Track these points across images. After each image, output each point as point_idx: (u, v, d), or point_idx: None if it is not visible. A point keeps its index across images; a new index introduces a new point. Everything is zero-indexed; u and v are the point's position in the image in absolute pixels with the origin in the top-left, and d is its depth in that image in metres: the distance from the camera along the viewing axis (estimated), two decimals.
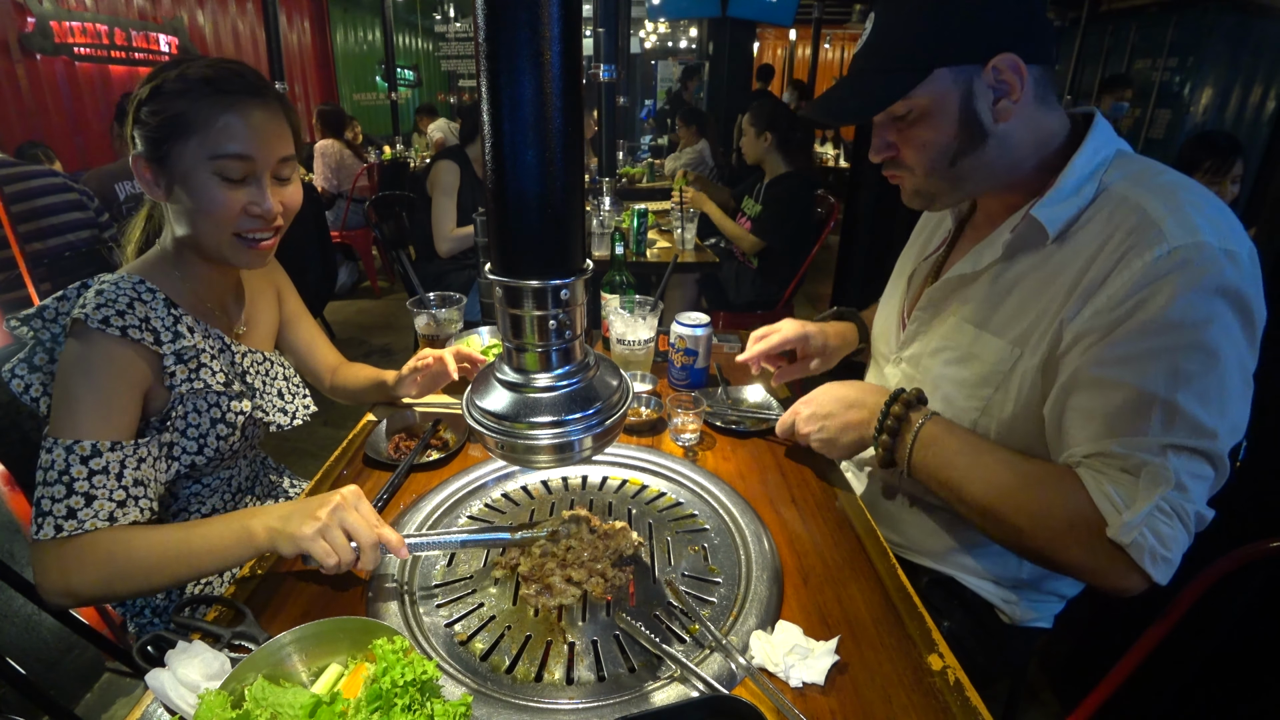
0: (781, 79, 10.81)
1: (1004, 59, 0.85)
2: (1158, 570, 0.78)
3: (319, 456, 1.18)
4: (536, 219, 0.52)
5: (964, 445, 0.91)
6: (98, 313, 0.91)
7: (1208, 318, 0.76)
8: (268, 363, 1.19)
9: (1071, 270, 0.86)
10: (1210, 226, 0.78)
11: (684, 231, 2.97)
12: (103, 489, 0.87)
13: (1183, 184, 0.85)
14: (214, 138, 0.92)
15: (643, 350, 1.42)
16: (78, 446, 0.86)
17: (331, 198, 4.97)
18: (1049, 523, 0.83)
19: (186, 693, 0.64)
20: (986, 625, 1.07)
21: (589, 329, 0.64)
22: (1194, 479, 0.78)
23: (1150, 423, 0.78)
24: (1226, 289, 0.76)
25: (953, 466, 0.90)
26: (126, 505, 0.89)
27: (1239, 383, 0.78)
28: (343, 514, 0.81)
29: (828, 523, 0.99)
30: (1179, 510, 0.78)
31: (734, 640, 0.76)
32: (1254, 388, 0.81)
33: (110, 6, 5.89)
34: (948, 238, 1.13)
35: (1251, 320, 0.78)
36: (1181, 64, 6.27)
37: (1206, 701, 1.42)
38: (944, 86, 0.87)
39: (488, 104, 0.49)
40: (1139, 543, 0.77)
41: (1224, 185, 2.34)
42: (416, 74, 10.41)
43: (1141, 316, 0.78)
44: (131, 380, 0.93)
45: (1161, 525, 0.77)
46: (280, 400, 1.19)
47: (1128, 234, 0.81)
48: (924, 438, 0.93)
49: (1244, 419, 0.80)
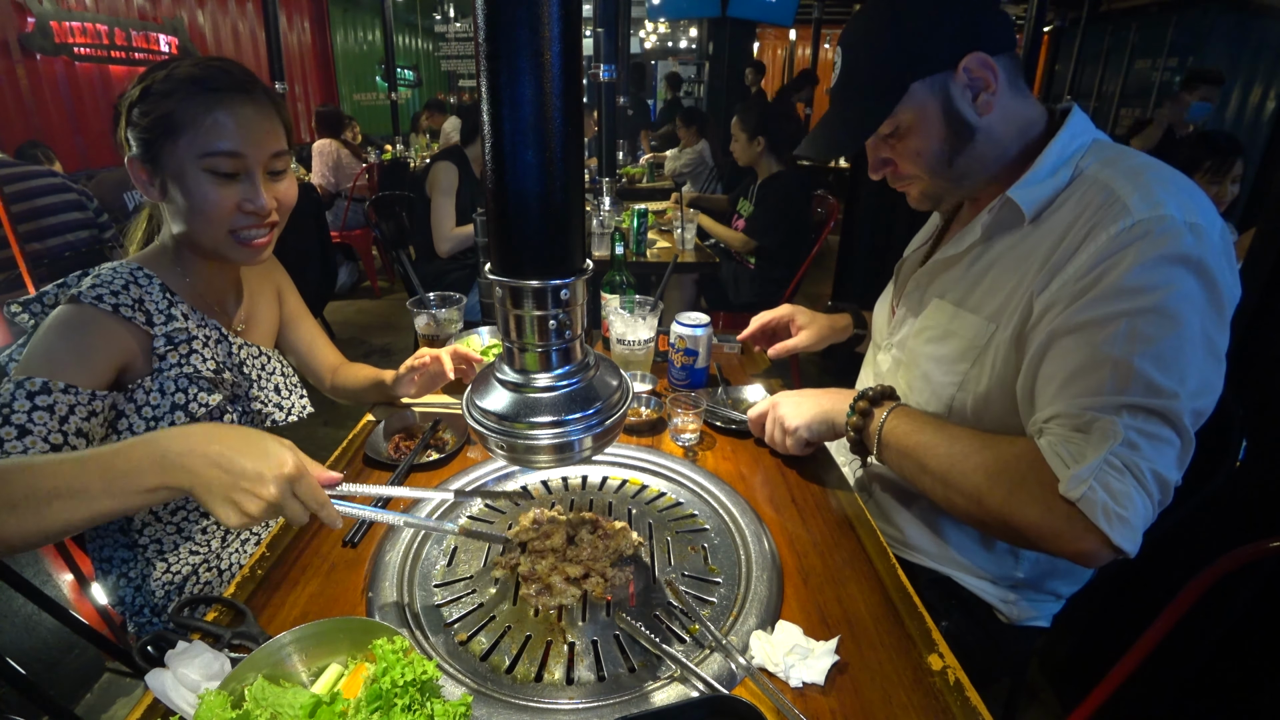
0: (781, 79, 10.81)
1: (972, 59, 0.89)
2: (1115, 530, 0.76)
3: (319, 457, 1.18)
4: (536, 219, 0.52)
5: (929, 422, 0.95)
6: (92, 290, 0.92)
7: (1168, 283, 0.78)
8: (264, 358, 1.19)
9: (1044, 247, 0.89)
10: (1175, 201, 0.80)
11: (684, 231, 2.97)
12: (41, 426, 0.82)
13: (1152, 165, 0.87)
14: (204, 136, 0.92)
15: (643, 350, 1.42)
16: (28, 382, 0.84)
17: (331, 198, 4.98)
18: (1005, 480, 0.84)
19: (187, 693, 0.64)
20: (985, 625, 1.07)
21: (589, 329, 0.64)
22: (1148, 438, 0.78)
23: (1104, 383, 0.80)
24: (1188, 258, 0.78)
25: (917, 441, 0.93)
26: (61, 451, 0.82)
27: (1200, 349, 0.79)
28: (297, 488, 0.69)
29: (828, 523, 0.99)
30: (1132, 466, 0.77)
31: (734, 640, 0.76)
32: (1227, 366, 0.81)
33: (110, 6, 5.89)
34: (935, 231, 1.17)
35: (1217, 292, 0.79)
36: (1181, 64, 6.28)
37: (1206, 701, 1.42)
38: (922, 98, 0.92)
39: (488, 104, 0.49)
40: (1089, 497, 0.76)
41: (1224, 185, 2.33)
42: (416, 74, 10.40)
43: (1104, 284, 0.80)
44: (112, 348, 0.93)
45: (1113, 480, 0.76)
46: (277, 395, 1.19)
47: (1095, 210, 0.84)
48: (892, 418, 0.97)
49: (1210, 386, 0.80)
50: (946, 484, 0.90)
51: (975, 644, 1.05)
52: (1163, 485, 0.79)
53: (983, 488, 0.86)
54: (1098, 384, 0.80)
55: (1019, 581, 1.05)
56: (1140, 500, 0.77)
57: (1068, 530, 0.79)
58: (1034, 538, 0.83)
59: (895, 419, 0.96)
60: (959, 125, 0.92)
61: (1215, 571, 0.91)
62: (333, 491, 0.75)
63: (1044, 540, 0.82)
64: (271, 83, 4.83)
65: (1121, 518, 0.76)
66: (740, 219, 3.26)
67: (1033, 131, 0.95)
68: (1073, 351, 0.82)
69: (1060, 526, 0.79)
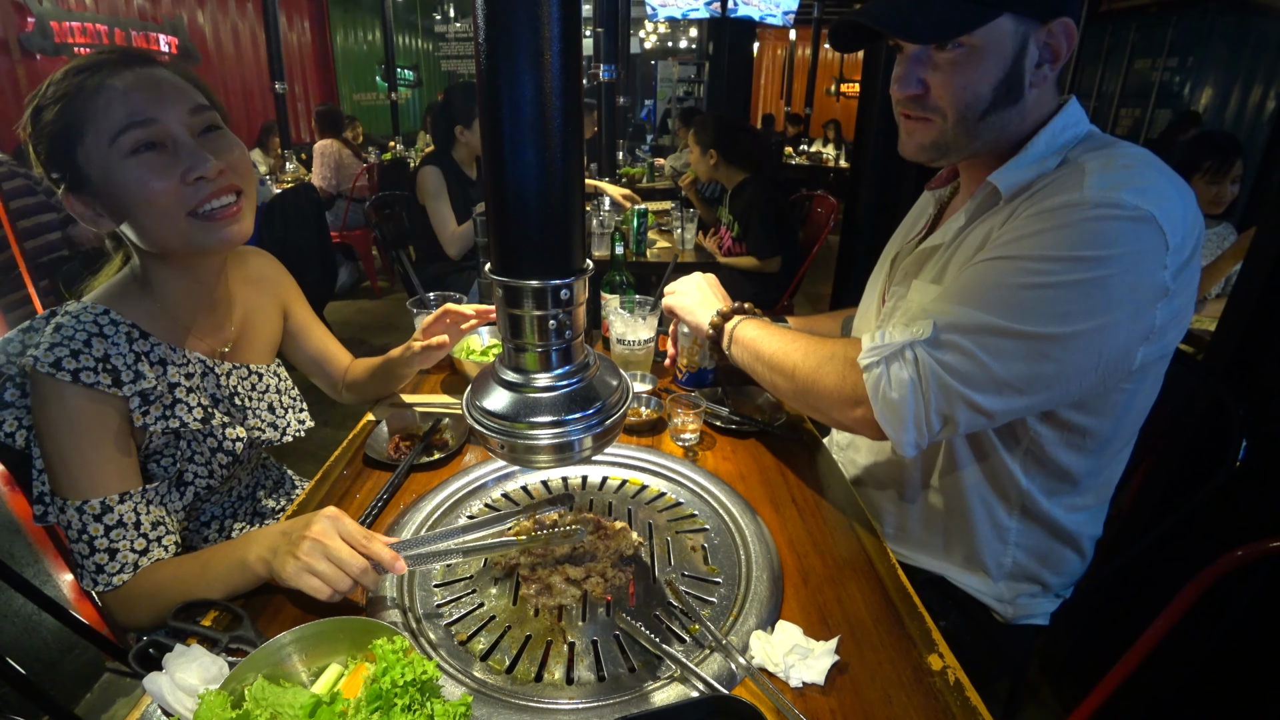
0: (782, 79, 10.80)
1: (1062, 22, 0.84)
2: (879, 407, 0.84)
3: (319, 457, 1.18)
4: (536, 219, 0.52)
5: (777, 329, 1.06)
6: (49, 355, 0.85)
7: (1092, 257, 0.76)
8: (255, 376, 1.13)
9: (1004, 214, 0.89)
10: (1134, 189, 0.77)
11: (684, 231, 2.97)
12: (123, 541, 0.88)
13: (1139, 158, 0.84)
14: (104, 118, 0.82)
15: (643, 350, 1.42)
16: (87, 506, 0.86)
17: (331, 198, 4.98)
18: (819, 356, 0.94)
19: (184, 697, 0.64)
20: (982, 625, 1.07)
21: (589, 329, 0.64)
22: (960, 354, 0.81)
23: (956, 294, 0.83)
24: (1119, 241, 0.76)
25: (757, 334, 1.06)
26: (150, 549, 0.90)
27: (1083, 343, 0.78)
28: (324, 547, 0.76)
29: (828, 523, 0.99)
30: (923, 365, 0.82)
31: (734, 640, 0.76)
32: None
33: (110, 6, 5.89)
34: (928, 222, 1.15)
35: (1144, 294, 0.77)
36: (1181, 64, 6.28)
37: (1206, 701, 1.42)
38: (1002, 35, 0.84)
39: (487, 104, 0.49)
40: (872, 370, 0.84)
41: (1224, 185, 2.33)
42: (416, 74, 10.41)
43: (1027, 238, 0.81)
44: (111, 430, 0.89)
45: (899, 367, 0.83)
46: (271, 414, 1.14)
47: (1058, 185, 0.83)
48: (745, 322, 1.10)
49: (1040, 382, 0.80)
50: (772, 366, 1.01)
51: (973, 644, 1.05)
52: (945, 397, 0.82)
53: (799, 363, 0.96)
54: (953, 294, 0.83)
55: (1008, 570, 1.04)
56: (913, 397, 0.82)
57: (850, 395, 0.88)
58: (825, 405, 0.94)
59: (748, 323, 1.10)
60: (1014, 82, 0.86)
61: (1215, 571, 0.91)
62: (402, 545, 0.83)
63: (832, 406, 0.92)
64: (272, 82, 4.83)
65: (889, 400, 0.83)
66: (724, 228, 3.24)
67: (1041, 121, 0.92)
68: (964, 275, 0.85)
69: (846, 392, 0.89)
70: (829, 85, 11.93)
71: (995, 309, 0.79)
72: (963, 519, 1.03)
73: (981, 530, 1.03)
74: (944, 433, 0.86)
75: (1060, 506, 0.99)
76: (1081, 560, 1.05)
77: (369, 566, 0.77)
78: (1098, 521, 1.04)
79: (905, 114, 0.95)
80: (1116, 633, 1.65)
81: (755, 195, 3.03)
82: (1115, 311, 0.77)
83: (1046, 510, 0.99)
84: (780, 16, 7.13)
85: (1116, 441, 0.96)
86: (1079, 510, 1.00)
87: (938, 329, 0.81)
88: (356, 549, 0.77)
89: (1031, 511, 1.00)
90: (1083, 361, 0.79)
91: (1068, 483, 0.97)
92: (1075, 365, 0.80)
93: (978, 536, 1.04)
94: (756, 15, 6.94)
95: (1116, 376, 0.83)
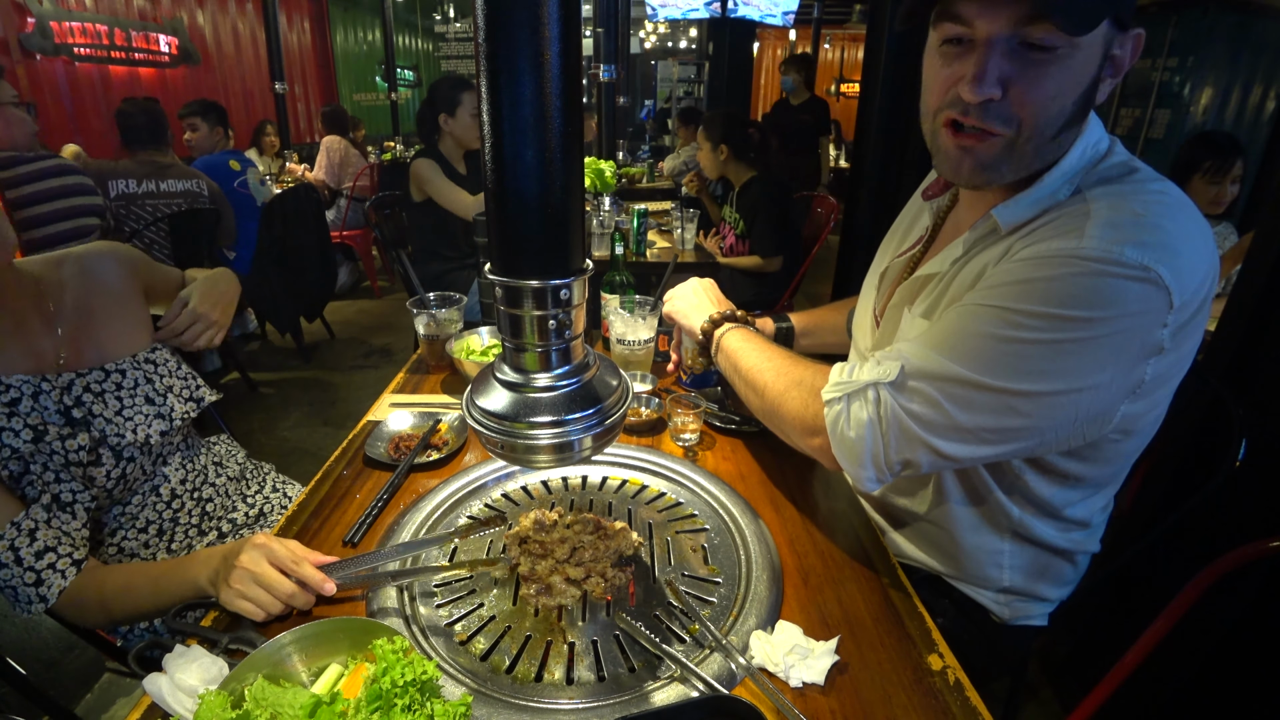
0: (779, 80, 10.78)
1: (1136, 33, 0.76)
2: (835, 440, 0.83)
3: (319, 456, 1.17)
4: (536, 219, 0.52)
5: (763, 342, 1.05)
6: None
7: (1080, 319, 0.71)
8: (117, 374, 1.07)
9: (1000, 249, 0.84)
10: (1139, 244, 0.70)
11: (684, 231, 2.97)
12: (24, 552, 0.89)
13: (1148, 199, 0.75)
14: None
15: (643, 350, 1.42)
16: None
17: (332, 197, 4.98)
18: (789, 379, 0.93)
19: (184, 697, 0.64)
20: (980, 624, 1.07)
21: (589, 329, 0.64)
22: (923, 400, 0.78)
23: (934, 339, 0.80)
24: (1114, 302, 0.70)
25: (741, 347, 1.05)
26: (49, 574, 0.90)
27: (1058, 401, 0.73)
28: (253, 574, 0.80)
29: (828, 523, 0.99)
30: (885, 406, 0.80)
31: (734, 640, 0.76)
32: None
33: (110, 6, 5.89)
34: (924, 235, 1.08)
35: (1134, 354, 0.72)
36: (1181, 64, 6.27)
37: (1206, 701, 1.42)
38: (1097, 39, 0.73)
39: (488, 104, 0.49)
40: (833, 405, 0.84)
41: (1224, 185, 2.33)
42: (416, 74, 10.40)
43: (1016, 287, 0.75)
44: None
45: (859, 407, 0.82)
46: (150, 405, 1.09)
47: (1059, 226, 0.77)
48: (733, 331, 1.10)
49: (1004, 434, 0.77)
50: (747, 381, 1.00)
51: (971, 643, 1.05)
52: (905, 440, 0.80)
53: (770, 383, 0.96)
54: (930, 336, 0.81)
55: (1006, 588, 1.03)
56: (870, 436, 0.81)
57: (810, 424, 0.87)
58: (786, 429, 0.93)
59: (735, 332, 1.09)
60: (1091, 94, 0.76)
61: (1215, 571, 0.91)
62: (327, 566, 0.84)
63: (792, 430, 0.92)
64: (272, 83, 4.83)
65: (845, 438, 0.82)
66: (727, 226, 3.24)
67: (1068, 146, 0.82)
68: (946, 316, 0.82)
69: (807, 421, 0.88)
70: (829, 85, 11.93)
71: (968, 360, 0.75)
72: (954, 544, 1.02)
73: (974, 556, 1.01)
74: (906, 473, 0.84)
75: (1054, 528, 0.97)
76: (1077, 571, 1.04)
77: (297, 590, 0.80)
78: (1094, 539, 1.02)
79: (960, 124, 0.80)
80: (1116, 633, 1.65)
81: (761, 193, 3.03)
82: (1097, 375, 0.73)
83: (1040, 534, 0.96)
84: (780, 17, 7.14)
85: (1112, 484, 0.94)
86: (1075, 529, 0.98)
87: (905, 373, 0.78)
88: (287, 573, 0.81)
89: (1025, 536, 0.97)
90: (1057, 417, 0.75)
91: (1061, 516, 0.95)
92: (1048, 421, 0.75)
93: (971, 561, 1.02)
94: (756, 16, 6.94)
95: (1097, 430, 0.79)
